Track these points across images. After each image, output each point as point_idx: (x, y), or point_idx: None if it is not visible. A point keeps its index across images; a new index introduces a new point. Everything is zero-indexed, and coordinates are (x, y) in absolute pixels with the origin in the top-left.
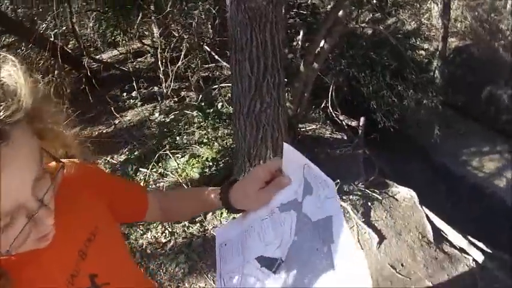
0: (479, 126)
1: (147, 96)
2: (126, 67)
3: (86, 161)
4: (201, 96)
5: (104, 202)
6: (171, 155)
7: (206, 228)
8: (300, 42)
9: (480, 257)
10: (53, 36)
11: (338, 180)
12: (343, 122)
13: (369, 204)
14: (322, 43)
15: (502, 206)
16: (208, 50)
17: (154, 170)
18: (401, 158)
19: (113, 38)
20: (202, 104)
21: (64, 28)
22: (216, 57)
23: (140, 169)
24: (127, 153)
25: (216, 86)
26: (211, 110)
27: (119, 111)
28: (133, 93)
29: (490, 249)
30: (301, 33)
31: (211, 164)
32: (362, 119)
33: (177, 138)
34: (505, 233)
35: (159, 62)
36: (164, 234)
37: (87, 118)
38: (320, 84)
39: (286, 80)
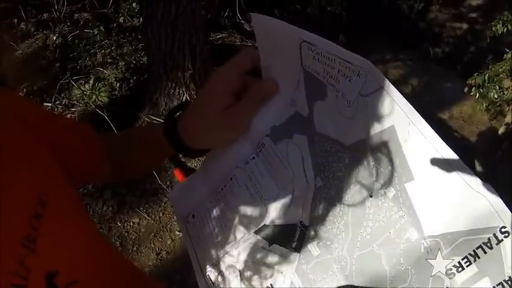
0: (381, 35)
1: (37, 25)
2: None
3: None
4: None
5: (47, 150)
6: (73, 83)
7: None
8: None
9: None
10: None
11: None
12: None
13: None
14: None
15: None
16: None
17: (58, 102)
18: None
19: None
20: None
21: None
22: None
23: (43, 104)
24: (24, 90)
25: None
26: (114, 24)
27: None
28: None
29: None
30: None
31: (120, 84)
32: None
33: (78, 62)
34: None
35: None
36: None
37: None
38: None
39: None
